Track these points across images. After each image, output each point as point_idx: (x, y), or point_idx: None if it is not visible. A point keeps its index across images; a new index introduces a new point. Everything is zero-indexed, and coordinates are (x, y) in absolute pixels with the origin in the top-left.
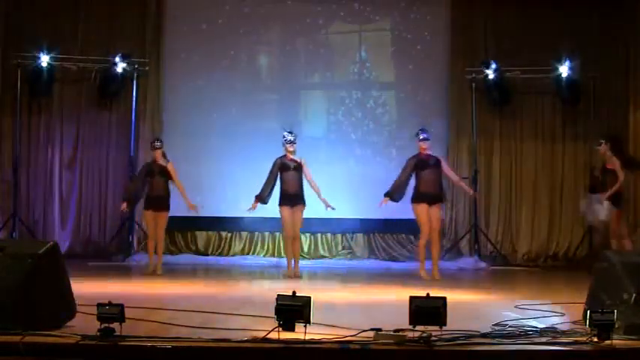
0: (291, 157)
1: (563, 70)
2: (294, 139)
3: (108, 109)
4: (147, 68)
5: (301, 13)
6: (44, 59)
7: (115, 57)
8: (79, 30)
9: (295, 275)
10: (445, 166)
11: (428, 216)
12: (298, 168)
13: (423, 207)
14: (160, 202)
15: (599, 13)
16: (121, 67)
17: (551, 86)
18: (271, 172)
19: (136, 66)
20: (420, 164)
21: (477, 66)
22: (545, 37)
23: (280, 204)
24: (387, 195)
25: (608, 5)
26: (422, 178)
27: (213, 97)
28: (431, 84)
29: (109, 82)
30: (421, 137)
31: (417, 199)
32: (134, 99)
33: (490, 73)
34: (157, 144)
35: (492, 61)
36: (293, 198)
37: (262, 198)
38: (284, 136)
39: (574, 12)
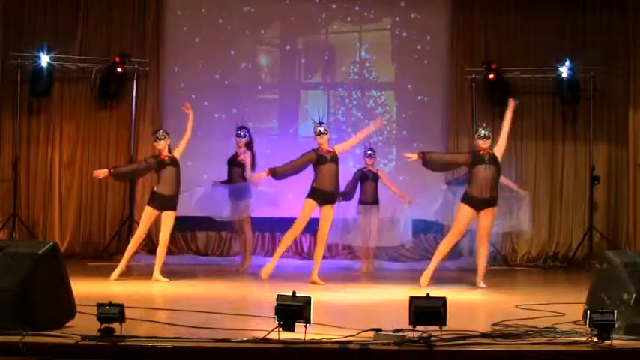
0: (326, 148)
1: (563, 70)
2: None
3: (108, 109)
4: (147, 68)
5: (301, 13)
6: (44, 59)
7: (115, 57)
8: (79, 30)
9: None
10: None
11: (469, 223)
12: (335, 160)
13: (467, 211)
14: (170, 200)
15: (599, 12)
16: (121, 67)
17: (551, 86)
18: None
19: (136, 66)
20: (477, 159)
21: (477, 66)
22: (545, 36)
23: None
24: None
25: (608, 5)
26: (476, 176)
27: (213, 96)
28: (431, 84)
29: (109, 82)
30: (482, 134)
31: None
32: (134, 99)
33: (490, 73)
34: (161, 134)
35: (492, 61)
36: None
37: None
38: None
39: (574, 12)
